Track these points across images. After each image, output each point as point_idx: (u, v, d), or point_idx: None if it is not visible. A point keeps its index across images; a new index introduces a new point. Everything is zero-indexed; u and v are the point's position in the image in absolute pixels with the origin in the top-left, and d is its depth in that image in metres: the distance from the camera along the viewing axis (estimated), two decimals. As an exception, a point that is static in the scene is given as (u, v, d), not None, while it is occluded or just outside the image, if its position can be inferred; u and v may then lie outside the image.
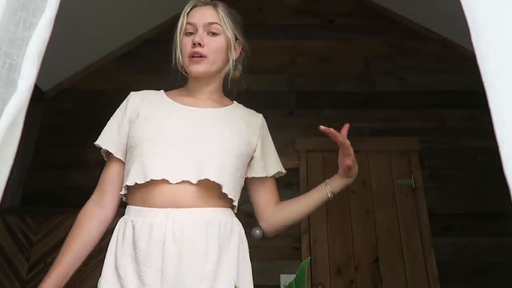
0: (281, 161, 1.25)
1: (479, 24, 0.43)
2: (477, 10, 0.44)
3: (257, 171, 1.10)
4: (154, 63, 2.99)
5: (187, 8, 1.07)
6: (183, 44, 1.04)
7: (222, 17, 1.05)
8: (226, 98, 1.16)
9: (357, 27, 3.11)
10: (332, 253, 2.45)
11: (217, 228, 0.92)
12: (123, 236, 0.91)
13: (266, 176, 1.12)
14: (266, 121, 1.23)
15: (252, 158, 1.09)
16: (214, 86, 1.10)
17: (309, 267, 2.35)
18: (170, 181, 0.90)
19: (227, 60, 1.08)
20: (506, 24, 0.40)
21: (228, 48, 1.06)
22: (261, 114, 1.19)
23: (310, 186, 2.59)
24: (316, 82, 2.93)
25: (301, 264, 0.73)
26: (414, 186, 2.58)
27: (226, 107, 1.10)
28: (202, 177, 0.91)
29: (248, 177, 1.10)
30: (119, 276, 0.88)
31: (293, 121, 2.78)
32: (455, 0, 0.65)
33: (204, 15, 1.04)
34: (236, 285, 0.88)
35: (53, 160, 2.71)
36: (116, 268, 0.89)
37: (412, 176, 2.61)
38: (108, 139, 1.03)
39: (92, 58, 2.96)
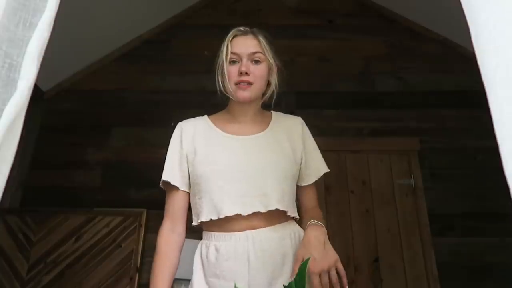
0: None
1: (479, 23, 0.43)
2: (477, 9, 0.44)
3: (306, 180, 1.18)
4: (154, 63, 3.00)
5: (229, 37, 1.13)
6: (229, 72, 1.11)
7: (264, 46, 1.14)
8: (265, 112, 1.24)
9: (357, 27, 3.11)
10: (332, 253, 2.44)
11: (289, 240, 1.05)
12: (207, 258, 1.03)
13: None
14: None
15: (299, 169, 1.18)
16: (256, 107, 1.19)
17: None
18: (243, 214, 1.01)
19: (267, 83, 1.18)
20: (506, 23, 0.40)
21: (269, 73, 1.16)
22: (299, 118, 1.26)
23: (310, 186, 2.60)
24: (316, 82, 2.93)
25: (301, 264, 0.73)
26: (414, 186, 2.58)
27: (269, 127, 1.18)
28: (271, 208, 1.03)
29: (298, 185, 1.18)
30: None
31: (293, 121, 2.78)
32: (455, 0, 0.65)
33: (248, 45, 1.12)
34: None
35: (53, 160, 2.71)
36: (208, 286, 1.01)
37: (412, 176, 2.61)
38: (173, 175, 1.10)
39: (92, 58, 2.97)
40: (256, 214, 1.02)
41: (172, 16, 3.13)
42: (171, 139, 1.16)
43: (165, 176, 1.11)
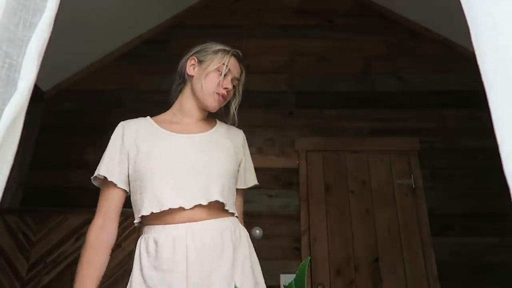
0: (281, 161, 1.31)
1: (478, 24, 0.43)
2: (476, 10, 0.44)
3: (239, 184, 1.24)
4: (154, 63, 3.00)
5: (231, 52, 1.21)
6: (217, 80, 1.17)
7: (243, 77, 1.26)
8: (210, 119, 1.29)
9: (357, 27, 3.11)
10: (332, 253, 2.45)
11: (229, 234, 1.06)
12: (147, 251, 1.03)
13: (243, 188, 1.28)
14: (266, 121, 1.28)
15: (238, 170, 1.24)
16: (206, 115, 1.26)
17: (309, 267, 2.35)
18: (185, 208, 1.03)
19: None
20: (505, 24, 0.40)
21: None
22: (241, 131, 1.32)
23: (310, 186, 2.60)
24: (316, 82, 2.93)
25: (301, 264, 0.74)
26: (414, 186, 2.58)
27: (213, 129, 1.23)
28: (212, 199, 1.05)
29: None
30: (148, 286, 0.99)
31: (293, 121, 2.78)
32: (455, 0, 0.65)
33: (238, 70, 1.24)
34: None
35: (53, 160, 2.71)
36: (144, 280, 1.00)
37: (412, 176, 2.61)
38: (111, 170, 1.10)
39: (92, 58, 2.96)
40: (198, 207, 1.04)
41: (172, 16, 3.13)
42: (112, 137, 1.16)
43: (102, 171, 1.09)
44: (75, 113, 2.86)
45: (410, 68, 2.96)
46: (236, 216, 1.16)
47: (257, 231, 2.39)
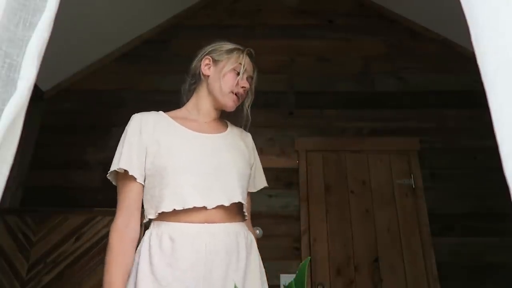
0: (281, 161, 1.32)
1: (479, 24, 0.43)
2: (477, 10, 0.44)
3: (249, 187, 1.24)
4: (154, 63, 3.00)
5: (247, 51, 1.22)
6: (234, 80, 1.17)
7: (255, 76, 1.26)
8: (222, 120, 1.29)
9: (357, 27, 3.11)
10: (332, 253, 2.45)
11: (243, 238, 1.07)
12: (160, 247, 0.99)
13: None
14: (266, 121, 1.28)
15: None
16: (219, 114, 1.26)
17: (309, 267, 2.35)
18: (208, 207, 1.03)
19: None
20: (505, 24, 0.40)
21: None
22: (250, 134, 1.33)
23: (310, 186, 2.60)
24: (316, 82, 2.93)
25: (301, 264, 0.74)
26: (414, 186, 2.58)
27: (227, 131, 1.24)
28: (234, 201, 1.06)
29: None
30: (160, 284, 0.96)
31: (293, 121, 2.78)
32: (455, 0, 0.65)
33: (252, 69, 1.24)
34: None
35: (53, 160, 2.71)
36: (155, 276, 0.96)
37: (412, 176, 2.61)
38: (131, 164, 1.06)
39: (92, 58, 2.96)
40: (218, 208, 1.04)
41: (172, 16, 3.13)
42: (128, 129, 1.12)
43: (122, 165, 1.05)
44: (75, 113, 2.86)
45: (410, 68, 2.96)
46: (246, 219, 1.16)
47: (257, 231, 2.39)
